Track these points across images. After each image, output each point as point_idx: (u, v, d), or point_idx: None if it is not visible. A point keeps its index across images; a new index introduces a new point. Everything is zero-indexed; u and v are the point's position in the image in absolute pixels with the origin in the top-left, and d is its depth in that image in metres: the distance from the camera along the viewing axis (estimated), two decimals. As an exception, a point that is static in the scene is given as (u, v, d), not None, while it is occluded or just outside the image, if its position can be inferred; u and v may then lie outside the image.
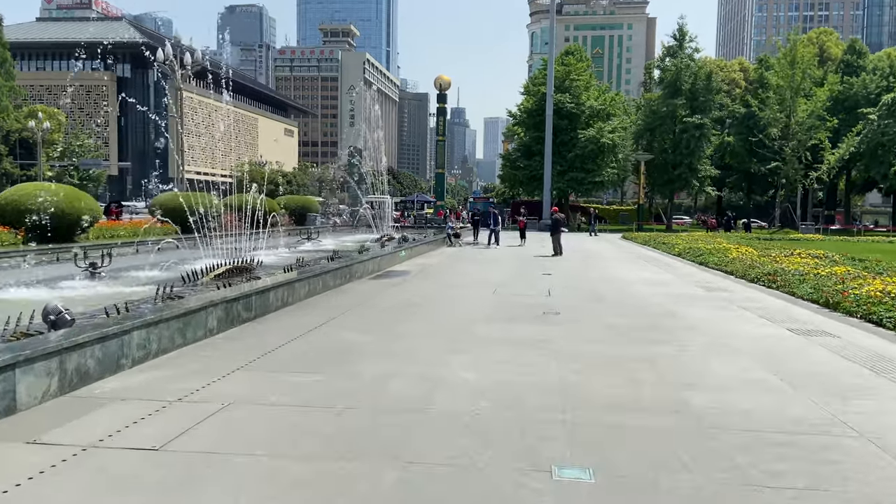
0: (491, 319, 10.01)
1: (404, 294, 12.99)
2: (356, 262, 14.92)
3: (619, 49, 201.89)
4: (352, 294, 12.71)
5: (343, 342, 8.14)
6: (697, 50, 55.73)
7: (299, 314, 10.12)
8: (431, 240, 27.22)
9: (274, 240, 25.24)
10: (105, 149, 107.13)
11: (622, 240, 37.35)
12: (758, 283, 14.92)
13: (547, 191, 51.84)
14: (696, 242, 26.64)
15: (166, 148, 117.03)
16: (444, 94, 58.38)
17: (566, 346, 8.15)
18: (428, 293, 13.09)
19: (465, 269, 18.63)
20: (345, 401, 5.65)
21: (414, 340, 8.33)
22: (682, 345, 8.34)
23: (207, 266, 14.12)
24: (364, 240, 27.79)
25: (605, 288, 14.44)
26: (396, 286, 14.21)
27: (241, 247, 18.10)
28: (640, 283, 15.35)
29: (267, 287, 10.02)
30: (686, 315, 10.69)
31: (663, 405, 5.73)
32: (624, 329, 9.37)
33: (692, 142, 52.39)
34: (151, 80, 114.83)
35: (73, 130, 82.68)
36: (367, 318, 10.06)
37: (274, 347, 7.70)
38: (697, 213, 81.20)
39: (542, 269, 18.70)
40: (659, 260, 22.71)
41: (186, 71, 40.63)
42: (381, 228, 32.27)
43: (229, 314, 8.73)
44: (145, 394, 5.76)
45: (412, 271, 17.40)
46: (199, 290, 11.71)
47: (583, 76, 56.08)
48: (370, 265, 16.07)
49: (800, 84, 52.62)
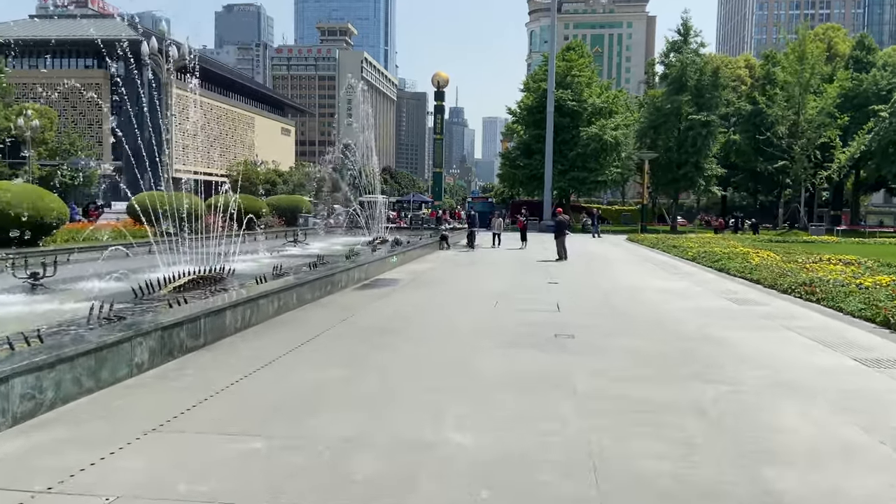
0: (492, 345, 8.29)
1: (391, 308, 11.28)
2: (339, 271, 13.20)
3: (618, 48, 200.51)
4: (331, 309, 10.99)
5: (303, 383, 6.42)
6: (703, 45, 54.07)
7: (262, 339, 8.40)
8: (427, 242, 25.51)
9: (258, 243, 23.57)
10: (98, 148, 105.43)
11: (628, 242, 35.65)
12: (791, 295, 13.22)
13: (547, 190, 50.11)
14: (708, 245, 24.96)
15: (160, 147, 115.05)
16: (441, 91, 56.77)
17: (588, 386, 6.45)
18: (418, 307, 11.38)
19: (461, 277, 16.93)
20: (287, 489, 3.95)
21: (394, 379, 6.61)
22: (733, 383, 6.64)
23: (169, 276, 12.43)
24: (355, 243, 26.09)
25: (622, 300, 12.73)
26: (383, 298, 12.49)
27: (220, 251, 16.42)
28: (660, 294, 13.64)
29: (222, 306, 8.30)
30: (724, 338, 8.99)
31: (740, 496, 4.02)
32: (655, 359, 7.66)
33: (698, 140, 50.60)
34: (146, 77, 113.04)
35: (64, 129, 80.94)
36: (342, 343, 8.34)
37: (214, 392, 5.98)
38: (700, 214, 79.49)
39: (546, 275, 17.00)
40: (673, 265, 21.00)
41: (171, 66, 38.98)
42: (374, 230, 30.60)
43: (167, 344, 7.01)
44: (5, 477, 4.05)
45: (403, 279, 15.69)
46: (151, 305, 10.02)
47: (584, 72, 54.35)
48: (356, 273, 14.36)
49: (809, 80, 50.94)
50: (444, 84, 55.54)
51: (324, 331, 9.00)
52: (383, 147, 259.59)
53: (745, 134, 56.24)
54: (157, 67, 38.74)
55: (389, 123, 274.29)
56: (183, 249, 15.77)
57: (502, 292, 13.67)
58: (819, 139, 50.35)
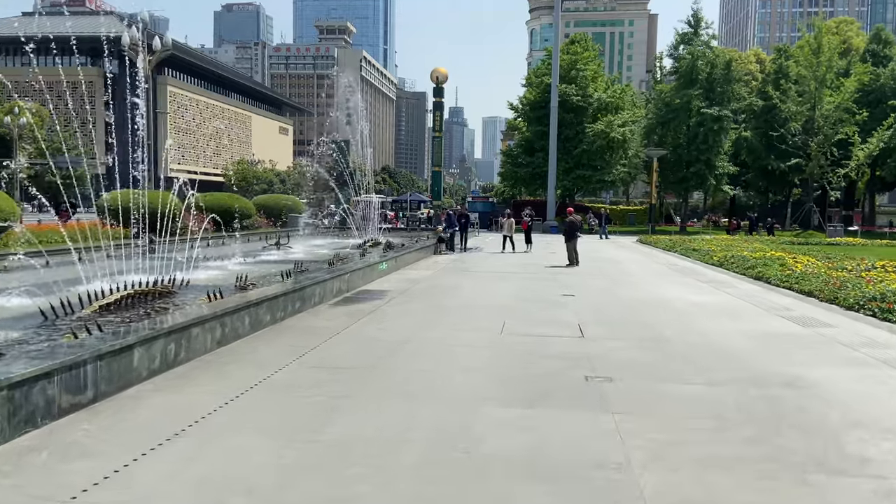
0: (501, 401, 5.94)
1: (369, 333, 8.94)
2: (311, 284, 10.85)
3: (620, 46, 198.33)
4: (294, 335, 8.66)
5: (212, 478, 4.08)
6: (714, 37, 51.61)
7: (184, 388, 6.08)
8: (423, 245, 23.16)
9: (236, 246, 21.25)
10: (92, 146, 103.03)
11: (639, 244, 33.31)
12: (860, 312, 10.90)
13: (551, 189, 47.75)
14: (733, 249, 22.65)
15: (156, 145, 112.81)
16: (440, 87, 54.30)
17: (660, 482, 4.11)
18: (404, 334, 9.02)
19: (461, 288, 14.55)
20: None
21: (353, 482, 4.24)
22: (876, 475, 4.32)
23: (102, 289, 10.13)
24: (344, 245, 23.79)
25: (657, 320, 10.40)
26: (363, 318, 10.15)
27: (190, 256, 14.16)
28: (700, 311, 11.33)
29: (127, 343, 5.97)
30: (814, 381, 6.66)
31: None
32: (739, 422, 5.33)
33: (710, 136, 48.10)
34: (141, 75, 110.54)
35: (55, 128, 78.75)
36: (293, 394, 6.00)
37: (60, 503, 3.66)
38: (707, 214, 77.13)
39: (559, 286, 14.68)
40: (700, 273, 18.63)
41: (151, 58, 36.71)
42: (370, 231, 28.30)
43: (20, 409, 4.70)
44: None
45: (392, 291, 13.35)
46: (58, 333, 7.72)
47: (590, 66, 51.91)
48: (334, 285, 12.02)
49: (825, 74, 48.61)
50: (443, 80, 53.11)
51: (274, 372, 6.67)
52: (383, 146, 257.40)
53: (756, 131, 53.89)
54: (137, 56, 36.47)
55: (389, 123, 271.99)
56: (150, 254, 13.58)
57: (509, 308, 11.34)
58: (836, 136, 48.04)
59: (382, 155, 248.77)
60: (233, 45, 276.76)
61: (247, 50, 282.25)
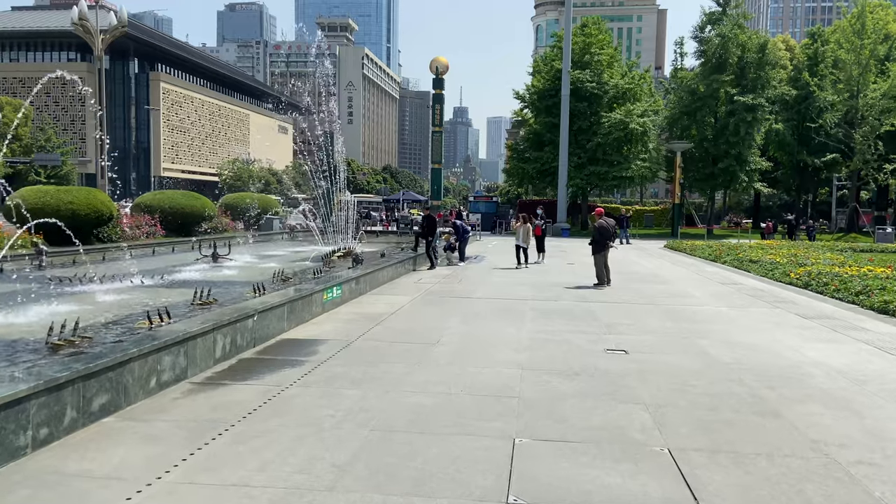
0: None
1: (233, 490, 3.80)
2: (139, 355, 5.70)
3: (628, 42, 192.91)
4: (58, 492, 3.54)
5: None
6: (746, 16, 46.20)
7: None
8: (406, 257, 17.97)
9: (154, 260, 16.19)
10: (81, 145, 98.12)
11: (670, 251, 28.06)
12: None
13: (562, 187, 42.43)
14: (801, 259, 17.47)
15: (148, 145, 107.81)
16: (440, 78, 49.18)
17: None
18: (318, 476, 3.89)
19: (440, 337, 9.12)
20: None
21: None
22: None
23: None
24: (308, 255, 18.70)
25: (819, 425, 5.23)
26: (215, 441, 5.03)
27: (68, 276, 9.23)
28: (878, 395, 6.16)
29: None
30: None
31: None
32: None
33: (741, 127, 42.57)
34: (132, 72, 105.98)
35: (40, 125, 74.14)
36: None
37: None
38: (728, 214, 71.64)
39: (598, 329, 9.49)
40: (786, 298, 13.29)
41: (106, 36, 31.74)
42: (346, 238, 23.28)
43: None
44: None
45: (328, 344, 8.19)
46: None
47: (605, 50, 46.60)
48: (224, 339, 6.87)
49: (869, 58, 43.32)
50: (443, 70, 48.09)
51: None
52: (386, 145, 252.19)
53: (788, 123, 48.55)
54: (88, 37, 31.47)
55: (392, 121, 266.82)
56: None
57: (520, 400, 6.10)
58: (882, 127, 42.70)
59: (386, 154, 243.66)
60: (234, 44, 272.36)
61: (248, 48, 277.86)
